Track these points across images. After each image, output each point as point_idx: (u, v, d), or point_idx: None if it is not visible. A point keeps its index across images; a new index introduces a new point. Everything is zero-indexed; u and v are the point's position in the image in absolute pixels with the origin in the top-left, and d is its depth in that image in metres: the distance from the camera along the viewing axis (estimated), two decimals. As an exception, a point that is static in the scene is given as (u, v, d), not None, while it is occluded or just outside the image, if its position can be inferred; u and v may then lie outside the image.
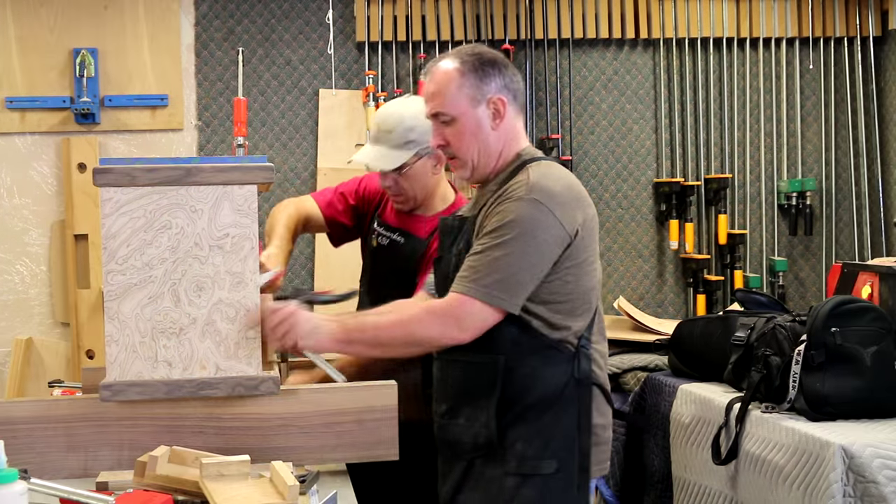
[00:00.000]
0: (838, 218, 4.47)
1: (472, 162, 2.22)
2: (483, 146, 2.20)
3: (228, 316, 2.01)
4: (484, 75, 2.19)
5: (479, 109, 2.19)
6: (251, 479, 1.77)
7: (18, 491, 1.47)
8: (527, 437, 2.12)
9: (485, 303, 2.06)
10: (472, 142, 2.20)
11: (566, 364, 2.14)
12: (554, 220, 2.08)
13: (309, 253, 4.20)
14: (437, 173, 2.67)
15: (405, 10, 4.18)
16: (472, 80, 2.18)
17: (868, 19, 4.40)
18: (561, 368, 2.14)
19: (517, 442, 2.12)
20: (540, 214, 2.07)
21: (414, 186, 2.65)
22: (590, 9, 4.29)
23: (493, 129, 2.20)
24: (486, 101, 2.19)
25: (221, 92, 4.15)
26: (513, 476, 2.11)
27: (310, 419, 2.06)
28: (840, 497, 2.30)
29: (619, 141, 4.37)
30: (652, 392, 3.25)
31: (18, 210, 4.06)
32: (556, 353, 2.13)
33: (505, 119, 2.20)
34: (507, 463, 2.12)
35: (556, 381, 2.13)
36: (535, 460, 2.11)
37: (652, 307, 4.35)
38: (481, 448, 2.13)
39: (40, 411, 2.01)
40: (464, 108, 2.18)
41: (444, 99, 2.19)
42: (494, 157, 2.22)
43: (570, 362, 2.14)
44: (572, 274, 2.12)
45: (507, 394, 2.12)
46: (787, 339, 2.65)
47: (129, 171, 1.98)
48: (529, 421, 2.12)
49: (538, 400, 2.12)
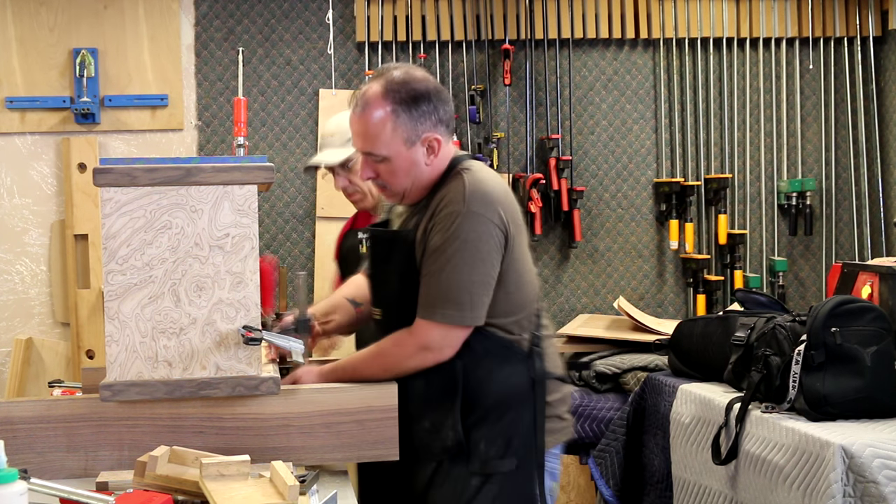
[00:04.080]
0: (838, 218, 4.47)
1: (403, 193, 2.22)
2: (416, 180, 2.19)
3: (229, 316, 2.01)
4: (419, 115, 2.14)
5: (413, 149, 2.16)
6: (251, 479, 1.77)
7: (18, 491, 1.47)
8: (489, 437, 2.18)
9: (449, 325, 2.11)
10: (405, 178, 2.18)
11: (522, 364, 2.20)
12: (492, 226, 2.11)
13: (309, 239, 4.20)
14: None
15: (405, 10, 4.18)
16: (406, 120, 2.13)
17: (868, 19, 4.40)
18: (517, 368, 2.20)
19: (480, 442, 2.17)
20: (480, 226, 2.10)
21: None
22: (590, 9, 4.29)
23: (427, 164, 2.18)
24: (420, 140, 2.16)
25: (221, 92, 4.15)
26: (477, 476, 2.17)
27: (310, 419, 2.06)
28: (840, 497, 2.30)
29: (619, 141, 4.37)
30: (652, 392, 3.25)
31: (18, 210, 4.06)
32: (511, 354, 2.19)
33: (439, 153, 2.19)
34: (471, 463, 2.17)
35: (513, 381, 2.19)
36: (497, 459, 2.17)
37: (652, 307, 4.35)
38: (450, 451, 2.18)
39: (40, 411, 2.01)
40: (398, 150, 2.15)
41: (376, 141, 2.14)
42: (426, 186, 2.21)
43: (525, 362, 2.20)
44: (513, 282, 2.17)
45: (468, 396, 2.17)
46: (787, 339, 2.65)
47: (129, 171, 1.98)
48: (491, 422, 2.18)
49: (498, 401, 2.18)
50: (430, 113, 2.16)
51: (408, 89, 2.14)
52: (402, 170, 2.16)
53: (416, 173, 2.18)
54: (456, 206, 2.11)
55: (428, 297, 2.13)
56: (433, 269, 2.12)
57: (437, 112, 2.17)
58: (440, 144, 2.18)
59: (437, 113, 2.17)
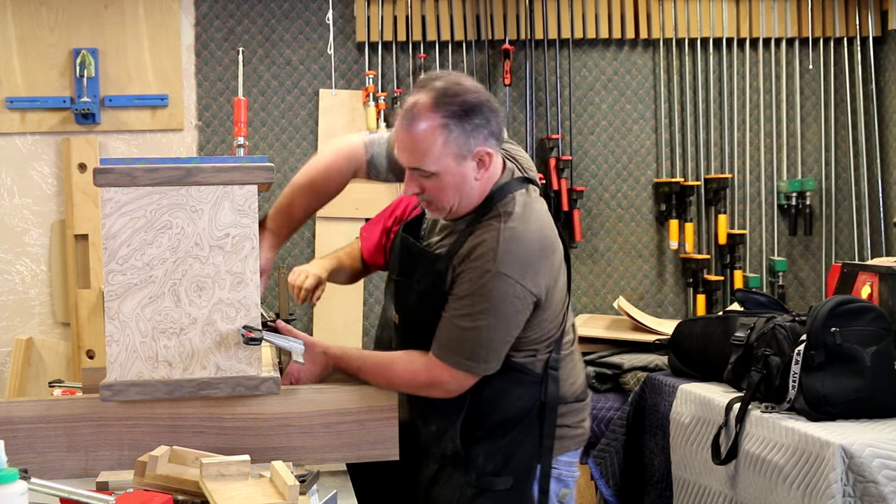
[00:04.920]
0: (838, 218, 4.46)
1: (450, 209, 2.13)
2: (465, 197, 2.10)
3: (229, 316, 2.01)
4: (471, 128, 2.03)
5: (464, 164, 2.06)
6: (251, 479, 1.77)
7: (18, 491, 1.47)
8: (488, 453, 2.18)
9: (462, 371, 2.11)
10: (454, 194, 2.09)
11: (534, 387, 2.19)
12: (522, 290, 2.05)
13: (309, 239, 4.20)
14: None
15: (405, 10, 4.18)
16: (458, 134, 2.02)
17: (868, 19, 4.40)
18: (528, 391, 2.18)
19: (479, 456, 2.18)
20: (508, 288, 2.04)
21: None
22: (590, 9, 4.29)
23: (476, 179, 2.09)
24: (471, 154, 2.06)
25: (221, 92, 4.15)
26: (471, 487, 2.17)
27: (310, 419, 2.07)
28: (840, 497, 2.31)
29: (619, 141, 4.36)
30: (652, 392, 3.25)
31: (18, 210, 4.06)
32: (523, 376, 2.17)
33: (490, 168, 2.09)
34: (468, 473, 2.18)
35: (522, 404, 2.18)
36: (492, 476, 2.17)
37: (652, 307, 4.35)
38: (448, 458, 2.20)
39: (40, 411, 2.01)
40: (447, 165, 2.04)
41: (426, 157, 2.03)
42: (475, 203, 2.13)
43: (538, 385, 2.19)
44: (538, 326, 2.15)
45: (475, 412, 2.17)
46: (786, 339, 2.65)
47: (129, 171, 1.98)
48: (493, 439, 2.18)
49: (503, 419, 2.18)
50: (483, 126, 2.04)
51: (460, 101, 2.02)
52: (451, 186, 2.06)
53: (466, 189, 2.08)
54: (487, 263, 2.04)
55: (448, 341, 2.10)
56: (456, 316, 2.09)
57: (489, 125, 2.05)
58: (491, 159, 2.08)
59: (489, 126, 2.05)
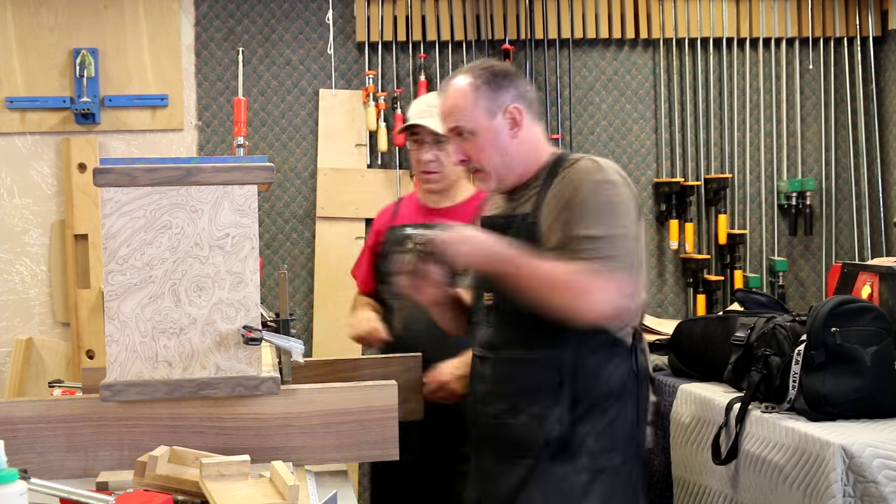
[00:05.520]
0: (838, 218, 4.47)
1: (495, 172, 2.25)
2: (504, 156, 2.23)
3: (229, 316, 2.01)
4: (497, 87, 2.23)
5: (496, 120, 2.22)
6: (251, 479, 1.77)
7: (18, 491, 1.47)
8: (596, 432, 2.17)
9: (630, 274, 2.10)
10: (494, 152, 2.23)
11: (627, 359, 2.21)
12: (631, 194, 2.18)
13: (309, 239, 4.20)
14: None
15: (405, 10, 4.18)
16: (487, 91, 2.22)
17: (868, 19, 4.40)
18: (623, 363, 2.20)
19: (587, 437, 2.16)
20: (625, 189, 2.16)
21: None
22: (590, 9, 4.29)
23: (512, 137, 2.24)
24: (502, 110, 2.23)
25: (221, 92, 4.15)
26: (585, 472, 2.15)
27: (310, 419, 2.06)
28: (840, 497, 2.30)
29: (619, 141, 4.37)
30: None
31: (18, 210, 4.06)
32: (618, 349, 2.19)
33: (523, 127, 2.24)
34: (577, 459, 2.15)
35: (618, 376, 2.19)
36: (603, 455, 2.17)
37: (652, 307, 4.35)
38: (552, 444, 2.16)
39: (40, 411, 2.01)
40: (481, 121, 2.22)
41: (460, 114, 2.23)
42: (517, 165, 2.25)
43: (629, 357, 2.22)
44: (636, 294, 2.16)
45: (575, 389, 2.16)
46: (787, 339, 2.65)
47: (129, 171, 1.98)
48: (597, 416, 2.17)
49: (604, 395, 2.18)
50: (510, 87, 2.24)
51: (488, 67, 2.26)
52: (488, 143, 2.22)
53: (503, 147, 2.22)
54: (596, 174, 2.15)
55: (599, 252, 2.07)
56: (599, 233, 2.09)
57: (516, 87, 2.25)
58: (522, 115, 2.23)
59: (516, 88, 2.25)
